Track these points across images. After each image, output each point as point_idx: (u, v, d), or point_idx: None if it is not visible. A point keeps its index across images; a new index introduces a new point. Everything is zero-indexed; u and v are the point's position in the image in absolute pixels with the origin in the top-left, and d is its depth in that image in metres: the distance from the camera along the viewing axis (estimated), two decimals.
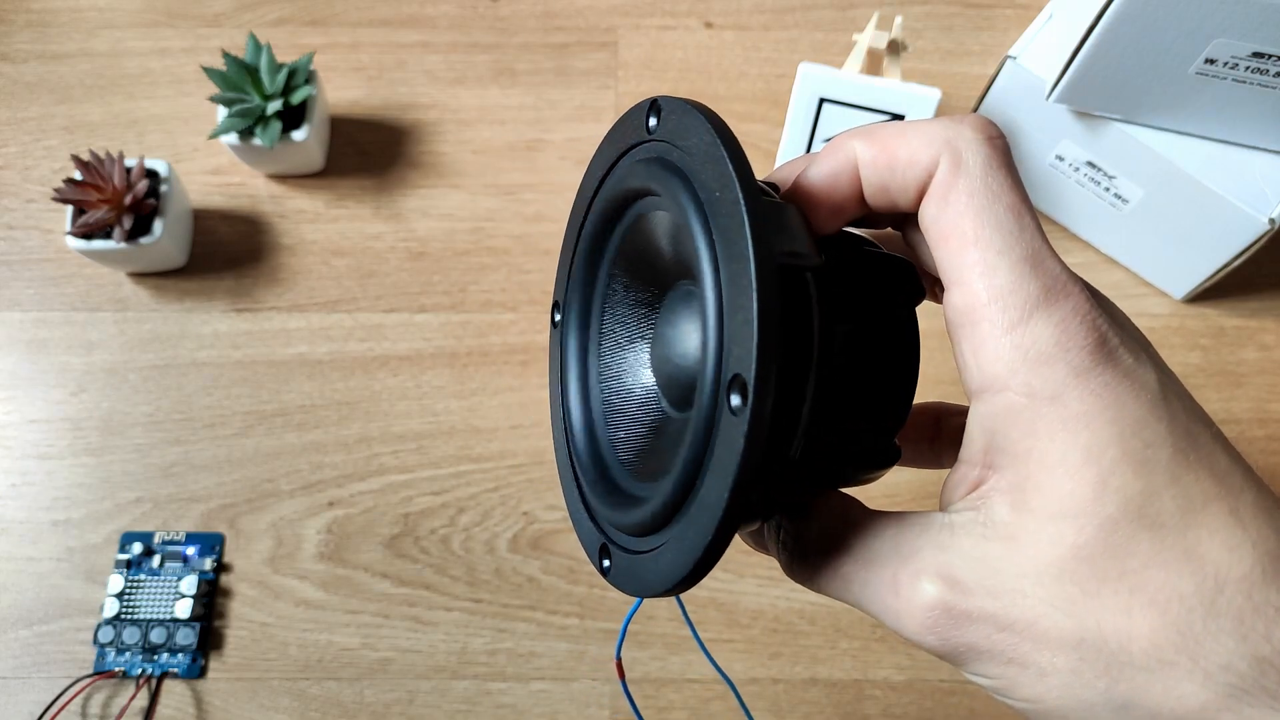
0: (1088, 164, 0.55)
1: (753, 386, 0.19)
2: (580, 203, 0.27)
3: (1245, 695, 0.19)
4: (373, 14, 0.67)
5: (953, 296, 0.21)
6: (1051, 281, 0.20)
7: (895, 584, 0.21)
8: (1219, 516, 0.19)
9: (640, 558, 0.23)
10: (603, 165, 0.26)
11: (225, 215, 0.61)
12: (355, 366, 0.58)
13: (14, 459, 0.56)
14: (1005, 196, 0.21)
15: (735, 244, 0.20)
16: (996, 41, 0.66)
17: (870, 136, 0.22)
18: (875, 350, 0.23)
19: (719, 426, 0.20)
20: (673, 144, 0.22)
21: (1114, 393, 0.19)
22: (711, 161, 0.21)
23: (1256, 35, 0.45)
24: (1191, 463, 0.20)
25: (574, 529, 0.27)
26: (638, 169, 0.24)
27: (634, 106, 0.24)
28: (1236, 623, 0.19)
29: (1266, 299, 0.59)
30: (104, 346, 0.58)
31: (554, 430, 0.28)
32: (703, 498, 0.20)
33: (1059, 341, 0.20)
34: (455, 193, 0.62)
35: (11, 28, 0.66)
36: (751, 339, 0.19)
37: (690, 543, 0.21)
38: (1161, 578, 0.19)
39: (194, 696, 0.51)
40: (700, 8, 0.67)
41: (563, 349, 0.28)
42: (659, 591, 0.22)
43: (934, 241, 0.21)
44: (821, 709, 0.51)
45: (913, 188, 0.22)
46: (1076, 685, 0.19)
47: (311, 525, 0.54)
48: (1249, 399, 0.57)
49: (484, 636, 0.52)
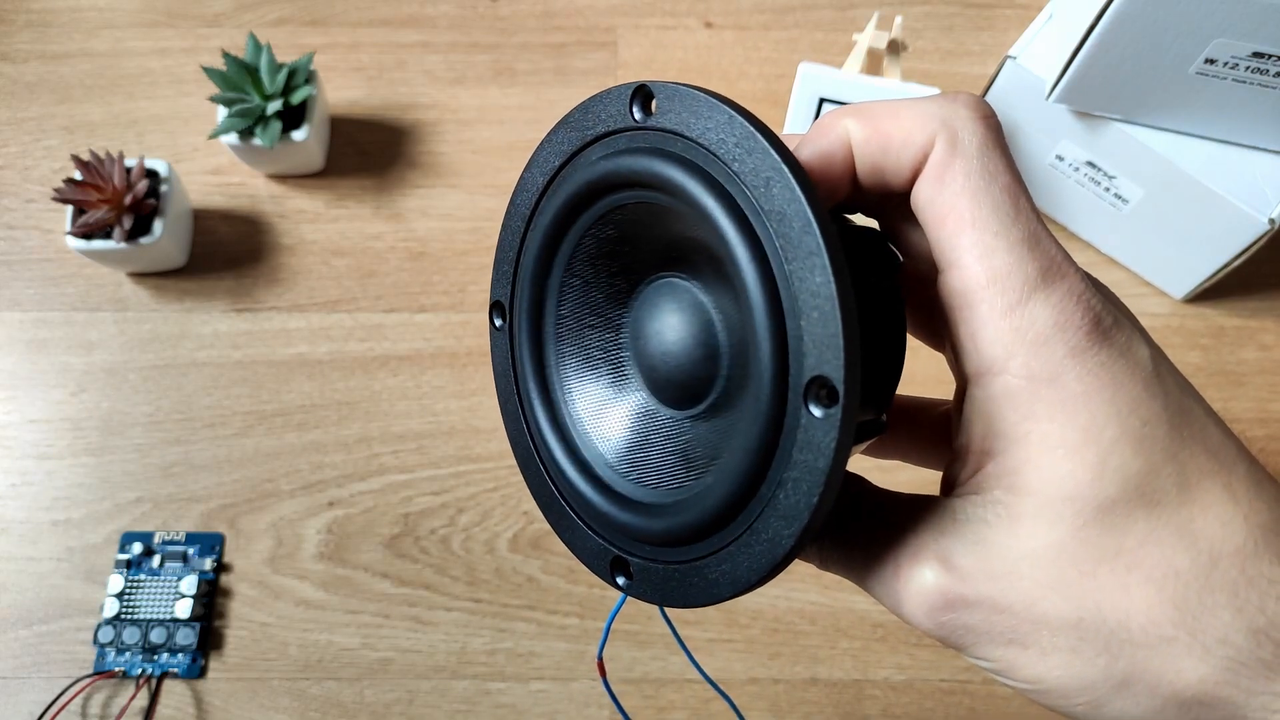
0: (1088, 164, 0.55)
1: (843, 389, 0.18)
2: (525, 196, 0.25)
3: (1242, 667, 0.19)
4: (373, 14, 0.67)
5: (949, 278, 0.21)
6: (1048, 263, 0.20)
7: (896, 568, 0.21)
8: (1212, 492, 0.20)
9: (679, 568, 0.22)
10: (559, 155, 0.24)
11: (225, 215, 0.61)
12: (355, 366, 0.58)
13: (14, 459, 0.56)
14: (1001, 177, 0.20)
15: (802, 240, 0.19)
16: (996, 41, 0.66)
17: (863, 115, 0.22)
18: (879, 321, 0.23)
19: (797, 429, 0.19)
20: (678, 134, 0.21)
21: (1110, 372, 0.20)
22: (749, 153, 0.20)
23: (1256, 35, 0.45)
24: (1186, 439, 0.20)
25: (564, 540, 0.25)
26: (629, 159, 0.22)
27: (605, 92, 0.23)
28: (1231, 596, 0.19)
29: (1266, 299, 0.59)
30: (104, 346, 0.58)
31: (513, 437, 0.27)
32: (780, 501, 0.20)
33: (1056, 322, 0.20)
34: (455, 193, 0.62)
35: (11, 28, 0.67)
36: (839, 340, 0.18)
37: (762, 549, 0.20)
38: (1158, 555, 0.19)
39: (194, 696, 0.51)
40: (700, 8, 0.67)
41: (514, 351, 0.26)
42: (720, 599, 0.21)
43: (929, 222, 0.21)
44: (821, 709, 0.51)
45: (907, 168, 0.21)
46: (1077, 664, 0.19)
47: (311, 525, 0.54)
48: (1249, 399, 0.57)
49: (484, 636, 0.52)
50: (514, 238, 0.26)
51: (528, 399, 0.26)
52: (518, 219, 0.26)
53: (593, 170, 0.23)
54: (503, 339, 0.27)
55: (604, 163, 0.23)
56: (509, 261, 0.26)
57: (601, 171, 0.23)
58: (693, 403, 0.23)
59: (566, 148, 0.24)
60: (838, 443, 0.18)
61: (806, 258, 0.19)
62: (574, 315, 0.25)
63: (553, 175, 0.24)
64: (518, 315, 0.26)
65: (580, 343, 0.25)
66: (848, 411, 0.18)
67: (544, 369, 0.25)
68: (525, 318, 0.25)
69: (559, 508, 0.25)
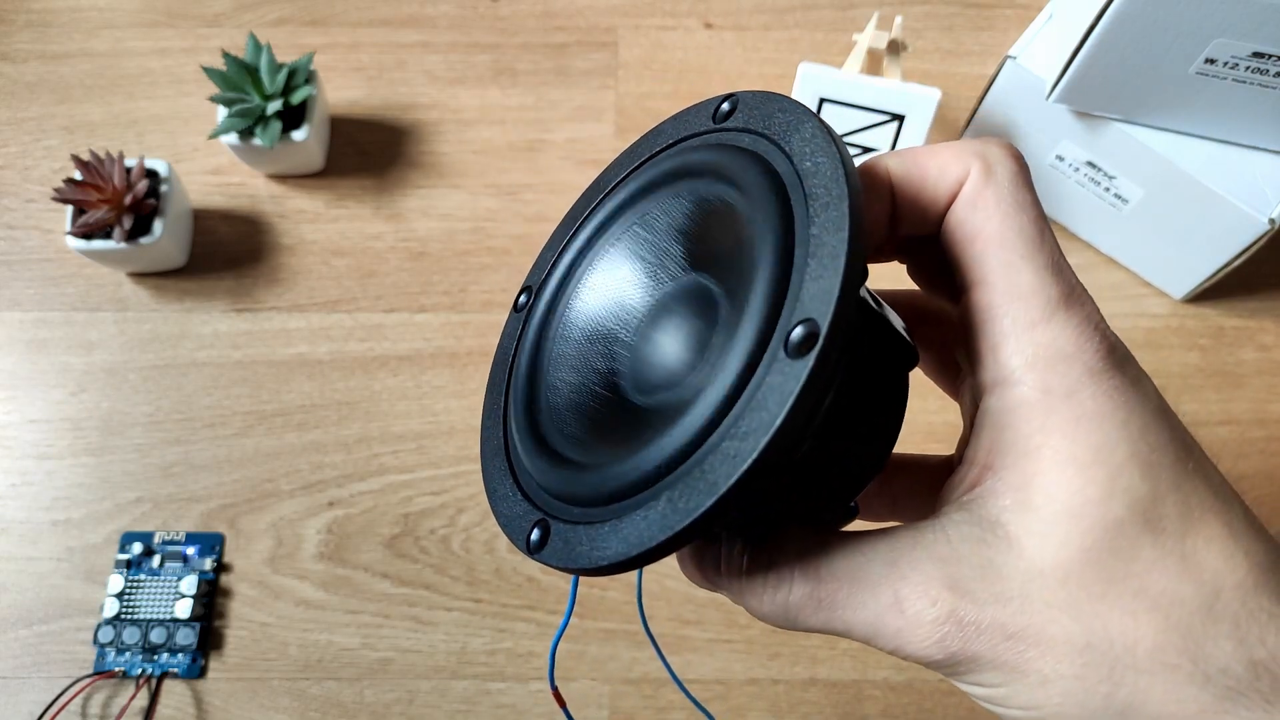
0: (1088, 164, 0.55)
1: (825, 331, 0.17)
2: (607, 178, 0.26)
3: (1240, 697, 0.19)
4: (373, 14, 0.67)
5: (975, 295, 0.22)
6: (1069, 289, 0.21)
7: (898, 602, 0.20)
8: (1214, 526, 0.20)
9: (598, 528, 0.20)
10: (648, 150, 0.26)
11: (225, 215, 0.61)
12: (355, 366, 0.58)
13: (14, 459, 0.56)
14: (1030, 209, 0.22)
15: (833, 208, 0.19)
16: (996, 41, 0.66)
17: (901, 154, 0.23)
18: (880, 397, 0.23)
19: (767, 374, 0.18)
20: (753, 132, 0.23)
21: (1124, 396, 0.20)
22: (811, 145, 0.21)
23: (1256, 35, 0.45)
24: (1190, 472, 0.20)
25: (491, 503, 0.24)
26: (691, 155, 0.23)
27: (699, 104, 0.25)
28: (1233, 627, 0.19)
29: (1266, 299, 0.59)
30: (104, 346, 0.58)
31: (487, 406, 0.26)
32: (725, 449, 0.18)
33: (1076, 343, 0.20)
34: (455, 193, 0.62)
35: (11, 28, 0.67)
36: (836, 282, 0.18)
37: (692, 500, 0.18)
38: (1164, 582, 0.19)
39: (194, 696, 0.51)
40: (700, 8, 0.67)
41: (525, 324, 0.26)
42: (624, 558, 0.19)
43: (961, 242, 0.22)
44: (821, 709, 0.51)
45: (943, 197, 0.22)
46: (1078, 691, 0.19)
47: (311, 525, 0.54)
48: (1248, 399, 0.57)
49: (484, 636, 0.52)
50: (567, 231, 0.26)
51: (519, 362, 0.25)
52: (578, 211, 0.27)
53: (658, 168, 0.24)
54: (517, 320, 0.26)
55: (669, 160, 0.24)
56: (555, 250, 0.26)
57: (669, 168, 0.24)
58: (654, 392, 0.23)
59: (644, 151, 0.25)
60: (808, 377, 0.17)
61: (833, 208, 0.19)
62: (595, 294, 0.25)
63: (635, 167, 0.26)
64: (540, 291, 0.26)
65: (589, 319, 0.25)
66: (824, 353, 0.17)
67: (544, 337, 0.25)
68: (550, 291, 0.26)
69: (500, 473, 0.24)
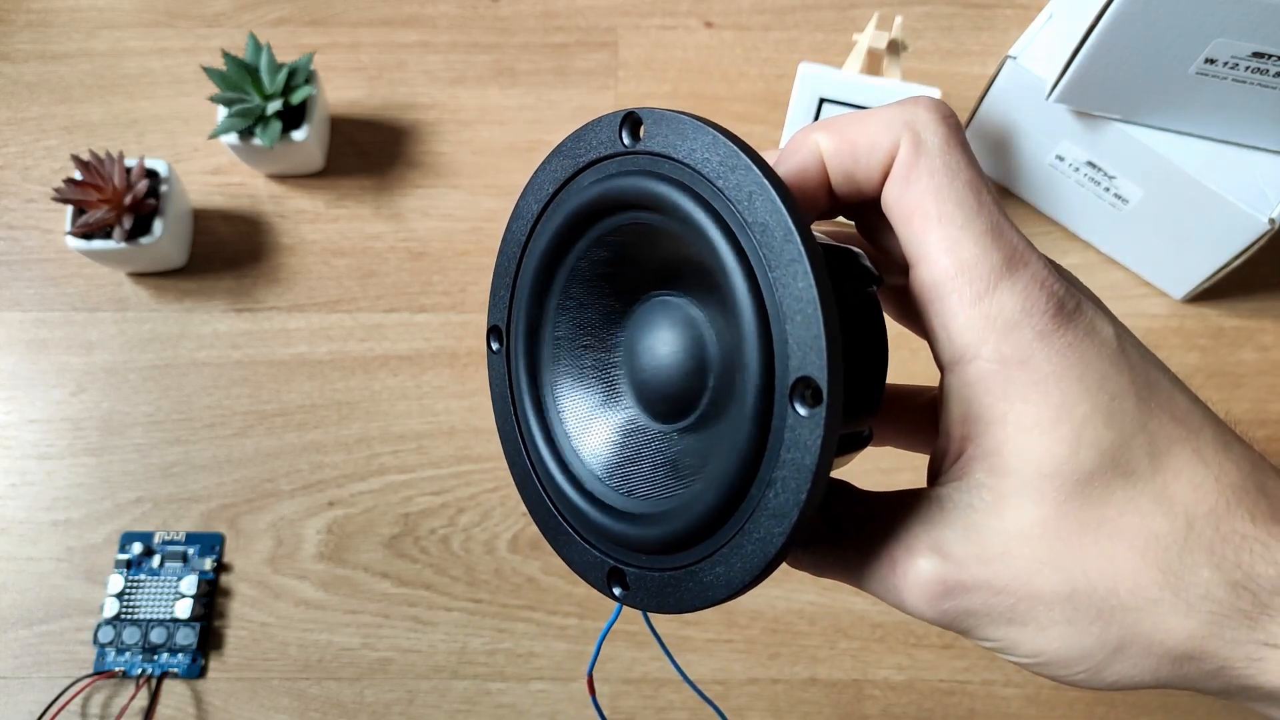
0: (1088, 164, 0.55)
1: (827, 387, 0.19)
2: (521, 223, 0.26)
3: (1225, 619, 0.20)
4: (373, 14, 0.67)
5: (919, 273, 0.22)
6: (1011, 251, 0.21)
7: (893, 564, 0.22)
8: (1182, 457, 0.21)
9: (674, 574, 0.22)
10: (553, 181, 0.25)
11: (225, 215, 0.61)
12: (355, 366, 0.58)
13: (14, 459, 0.56)
14: (963, 173, 0.21)
15: (784, 248, 0.20)
16: (996, 41, 0.66)
17: (831, 128, 0.23)
18: (859, 328, 0.24)
19: (784, 429, 0.20)
20: (665, 157, 0.22)
21: (1077, 351, 0.21)
22: (733, 170, 0.21)
23: (1256, 35, 0.45)
24: (1154, 409, 0.21)
25: (561, 555, 0.26)
26: (620, 181, 0.23)
27: (596, 120, 0.24)
28: (1209, 554, 0.20)
29: (1265, 299, 0.59)
30: (104, 346, 0.58)
31: (510, 457, 0.27)
32: (770, 501, 0.20)
33: (1023, 308, 0.21)
34: (455, 193, 0.62)
35: (11, 28, 0.67)
36: (821, 341, 0.19)
37: (754, 549, 0.20)
38: (1138, 522, 0.20)
39: (194, 696, 0.51)
40: (700, 8, 0.67)
41: (510, 374, 0.26)
42: (714, 602, 0.22)
43: (899, 221, 0.22)
44: (821, 709, 0.51)
45: (876, 172, 0.22)
46: (1073, 635, 0.20)
47: (311, 525, 0.54)
48: (1248, 399, 0.57)
49: (484, 636, 0.52)
50: (510, 263, 0.26)
51: (525, 419, 0.26)
52: (514, 245, 0.26)
53: (586, 194, 0.24)
54: (500, 362, 0.27)
55: (596, 186, 0.23)
56: (505, 287, 0.27)
57: (595, 194, 0.23)
58: (682, 415, 0.24)
59: (560, 174, 0.25)
60: (824, 439, 0.19)
61: (789, 265, 0.20)
62: (569, 337, 0.26)
63: (547, 201, 0.25)
64: (514, 339, 0.26)
65: (576, 363, 0.26)
66: (832, 409, 0.19)
67: (539, 390, 0.26)
68: (522, 341, 0.26)
69: (555, 524, 0.26)
